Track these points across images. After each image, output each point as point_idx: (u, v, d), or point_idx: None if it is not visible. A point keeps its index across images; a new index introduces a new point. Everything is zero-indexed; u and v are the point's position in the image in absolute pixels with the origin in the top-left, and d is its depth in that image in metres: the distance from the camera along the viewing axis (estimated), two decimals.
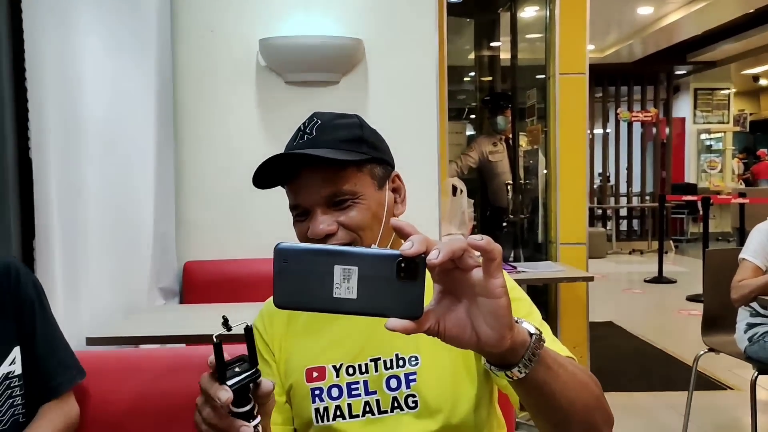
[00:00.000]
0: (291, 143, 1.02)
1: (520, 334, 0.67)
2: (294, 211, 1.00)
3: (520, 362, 0.68)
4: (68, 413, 1.17)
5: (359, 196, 0.98)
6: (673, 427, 3.02)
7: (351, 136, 1.00)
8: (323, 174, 0.96)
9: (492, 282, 0.62)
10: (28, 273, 1.17)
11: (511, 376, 0.69)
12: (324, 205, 0.97)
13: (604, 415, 0.82)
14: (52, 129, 1.67)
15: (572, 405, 0.76)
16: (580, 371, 0.82)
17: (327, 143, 0.97)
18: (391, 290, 0.61)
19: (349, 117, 1.04)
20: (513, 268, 3.11)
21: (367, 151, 1.00)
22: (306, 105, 2.74)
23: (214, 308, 2.29)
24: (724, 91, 11.19)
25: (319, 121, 1.01)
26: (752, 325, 2.56)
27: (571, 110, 3.45)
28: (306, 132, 1.00)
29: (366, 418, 0.99)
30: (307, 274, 0.62)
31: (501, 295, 0.62)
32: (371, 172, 1.01)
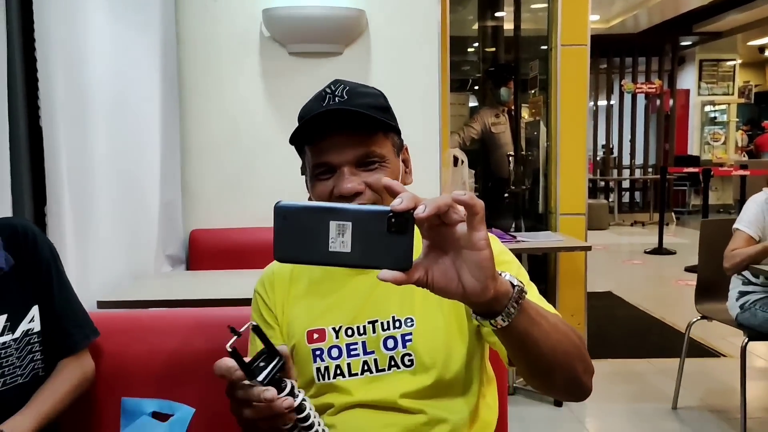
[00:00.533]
0: (317, 104, 1.02)
1: (503, 285, 0.72)
2: (317, 170, 1.02)
3: (504, 311, 0.72)
4: (85, 368, 1.24)
5: (386, 160, 1.02)
6: (666, 392, 3.10)
7: (378, 103, 1.04)
8: (356, 135, 0.99)
9: (475, 235, 0.66)
10: (44, 237, 1.22)
11: (495, 324, 0.73)
12: (353, 164, 1.00)
13: (584, 365, 0.88)
14: (61, 99, 1.71)
15: (554, 353, 0.81)
16: (562, 323, 0.87)
17: (360, 106, 1.00)
18: (383, 244, 0.65)
19: (372, 88, 1.08)
20: (513, 237, 3.15)
21: (393, 122, 1.05)
22: (309, 76, 2.77)
23: (219, 274, 2.36)
24: (729, 62, 11.10)
25: (347, 86, 1.03)
26: (743, 293, 2.63)
27: (573, 82, 3.47)
28: (335, 94, 1.01)
29: (365, 377, 1.04)
30: (304, 229, 0.66)
31: (484, 247, 0.66)
32: (393, 140, 1.06)
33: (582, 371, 0.88)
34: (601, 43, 9.98)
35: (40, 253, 1.18)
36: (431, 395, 1.04)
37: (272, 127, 2.78)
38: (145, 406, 1.28)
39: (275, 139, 2.75)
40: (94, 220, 1.93)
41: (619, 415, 2.96)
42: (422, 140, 2.78)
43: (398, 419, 1.03)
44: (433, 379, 1.03)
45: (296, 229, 0.66)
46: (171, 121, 2.59)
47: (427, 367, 1.03)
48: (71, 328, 1.22)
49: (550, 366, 0.83)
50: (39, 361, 1.18)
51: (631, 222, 10.20)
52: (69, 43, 1.78)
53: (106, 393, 1.32)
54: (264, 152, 2.79)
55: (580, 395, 0.91)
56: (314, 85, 1.11)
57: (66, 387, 1.18)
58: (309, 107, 1.04)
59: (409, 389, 1.03)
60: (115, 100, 2.09)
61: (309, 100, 1.06)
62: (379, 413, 1.03)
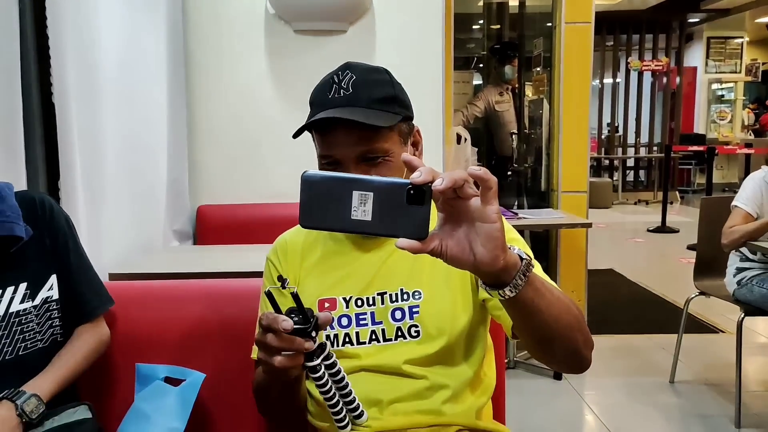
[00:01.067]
0: (324, 94, 1.05)
1: (512, 258, 0.76)
2: (323, 160, 1.06)
3: (512, 282, 0.76)
4: (101, 334, 1.29)
5: (389, 154, 1.05)
6: (664, 367, 3.16)
7: (385, 95, 1.06)
8: (358, 133, 1.01)
9: (488, 208, 0.70)
10: (60, 208, 1.27)
11: (503, 295, 0.77)
12: (356, 160, 1.03)
13: (584, 337, 0.93)
14: (72, 77, 1.75)
15: (556, 323, 0.86)
16: (564, 296, 0.92)
17: (363, 101, 1.02)
18: (401, 214, 0.69)
19: (380, 72, 1.09)
20: (515, 214, 3.20)
21: (398, 111, 1.07)
22: (314, 53, 2.80)
23: (226, 249, 2.41)
24: (737, 39, 11.00)
25: (354, 76, 1.04)
26: (741, 269, 2.67)
27: (577, 59, 3.48)
28: (341, 86, 1.03)
29: (372, 345, 1.09)
30: (328, 198, 0.70)
31: (495, 220, 0.71)
32: (399, 130, 1.08)
33: (582, 343, 0.93)
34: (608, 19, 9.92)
35: (57, 224, 1.23)
36: (434, 362, 1.09)
37: (278, 104, 2.82)
38: (158, 372, 1.34)
39: (281, 115, 2.79)
40: (104, 194, 1.98)
41: (618, 389, 3.02)
42: (425, 118, 2.78)
43: (402, 383, 1.08)
44: (437, 348, 1.08)
45: (321, 198, 0.70)
46: (178, 99, 2.63)
47: (432, 338, 1.09)
48: (88, 296, 1.27)
49: (552, 336, 0.87)
50: (58, 327, 1.23)
51: (635, 201, 10.21)
52: (79, 21, 1.81)
53: (121, 359, 1.38)
54: (270, 129, 2.82)
55: (580, 367, 0.96)
56: (319, 62, 1.15)
57: (83, 351, 1.24)
58: (317, 95, 1.07)
59: (413, 356, 1.08)
60: (124, 78, 2.12)
61: (318, 86, 1.08)
62: (383, 377, 1.08)
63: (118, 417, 1.30)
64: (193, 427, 1.30)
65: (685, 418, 2.71)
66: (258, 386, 1.11)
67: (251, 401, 1.18)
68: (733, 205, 2.62)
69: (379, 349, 1.09)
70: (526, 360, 3.24)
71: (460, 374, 1.11)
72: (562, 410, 2.85)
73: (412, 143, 1.12)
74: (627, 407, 2.84)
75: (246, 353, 1.20)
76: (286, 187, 2.82)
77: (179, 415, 1.27)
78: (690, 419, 2.70)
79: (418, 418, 1.08)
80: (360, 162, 1.04)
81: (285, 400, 1.09)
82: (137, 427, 1.26)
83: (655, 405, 2.84)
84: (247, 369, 1.20)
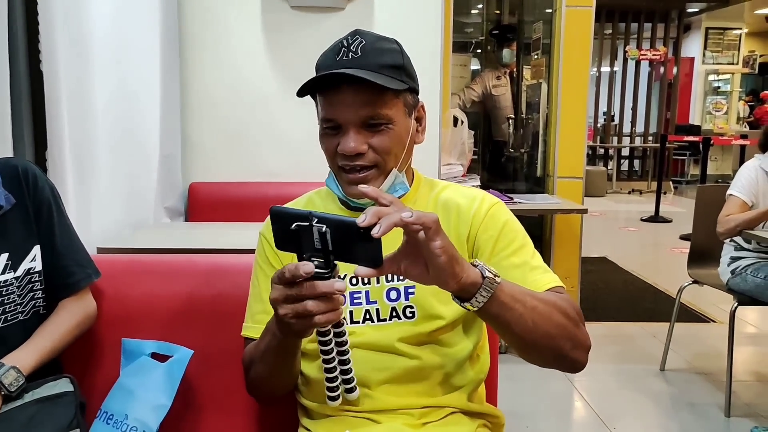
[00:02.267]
0: (332, 56, 1.02)
1: (470, 278, 0.83)
2: (325, 124, 1.03)
3: (473, 298, 0.84)
4: (86, 307, 1.26)
5: (393, 122, 1.02)
6: (655, 355, 3.17)
7: (393, 62, 1.02)
8: (364, 95, 0.99)
9: (431, 244, 0.78)
10: (44, 177, 1.22)
11: (467, 308, 0.85)
12: (359, 124, 1.00)
13: (572, 342, 0.95)
14: (62, 44, 1.70)
15: (530, 334, 0.90)
16: (547, 305, 0.93)
17: (371, 66, 0.99)
18: (357, 246, 0.77)
19: (391, 41, 1.06)
20: (510, 198, 3.18)
21: (405, 80, 1.04)
22: (311, 30, 2.75)
23: (218, 226, 2.38)
24: (735, 31, 10.98)
25: (364, 40, 1.01)
26: (735, 258, 2.66)
27: (576, 44, 3.44)
28: (350, 50, 1.00)
29: (366, 325, 1.07)
30: (294, 229, 0.79)
31: (439, 255, 0.78)
32: (405, 100, 1.05)
33: (569, 348, 0.95)
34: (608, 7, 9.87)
35: (41, 192, 1.19)
36: (428, 342, 1.07)
37: (273, 80, 2.77)
38: (144, 347, 1.31)
39: (276, 93, 2.74)
40: (94, 167, 1.94)
41: (608, 375, 3.02)
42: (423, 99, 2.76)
43: (395, 362, 1.06)
44: (432, 329, 1.06)
45: (287, 230, 0.79)
46: (171, 73, 2.58)
47: (427, 319, 1.07)
48: (73, 267, 1.23)
49: (528, 344, 0.92)
50: (40, 300, 1.19)
51: (629, 190, 10.23)
52: None
53: (107, 333, 1.34)
54: (264, 106, 2.78)
55: (571, 369, 0.99)
56: (315, 39, 1.11)
57: (67, 324, 1.20)
58: (325, 58, 1.04)
59: (407, 335, 1.06)
60: (116, 49, 2.08)
61: (327, 49, 1.05)
62: (376, 354, 1.06)
63: (103, 392, 1.27)
64: (180, 403, 1.27)
65: (675, 406, 2.72)
66: (253, 360, 1.08)
67: (239, 378, 1.15)
68: (728, 194, 2.61)
69: (373, 328, 1.07)
70: None
71: (454, 356, 1.09)
72: (552, 395, 2.84)
73: (415, 118, 1.09)
74: (617, 394, 2.84)
75: (235, 330, 1.17)
76: (280, 166, 2.79)
77: (166, 392, 1.24)
78: (680, 407, 2.70)
79: (410, 400, 1.07)
80: (362, 127, 1.01)
81: (282, 373, 1.06)
82: (122, 403, 1.23)
83: (646, 392, 2.85)
84: (235, 346, 1.18)
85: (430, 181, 1.17)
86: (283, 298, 0.83)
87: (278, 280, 0.83)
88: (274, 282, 0.84)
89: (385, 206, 0.80)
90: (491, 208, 1.09)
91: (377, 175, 1.04)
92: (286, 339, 0.93)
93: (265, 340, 1.01)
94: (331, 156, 1.05)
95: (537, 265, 1.05)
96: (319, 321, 0.82)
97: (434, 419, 1.07)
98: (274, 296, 0.84)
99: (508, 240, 1.06)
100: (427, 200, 1.13)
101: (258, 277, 1.16)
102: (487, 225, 1.07)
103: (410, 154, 1.09)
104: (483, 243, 1.07)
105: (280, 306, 0.83)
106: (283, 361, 1.03)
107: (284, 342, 0.95)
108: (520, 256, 1.05)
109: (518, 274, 1.02)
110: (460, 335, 1.10)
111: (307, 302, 0.81)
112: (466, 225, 1.08)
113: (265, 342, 1.01)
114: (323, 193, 1.18)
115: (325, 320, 0.82)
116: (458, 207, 1.10)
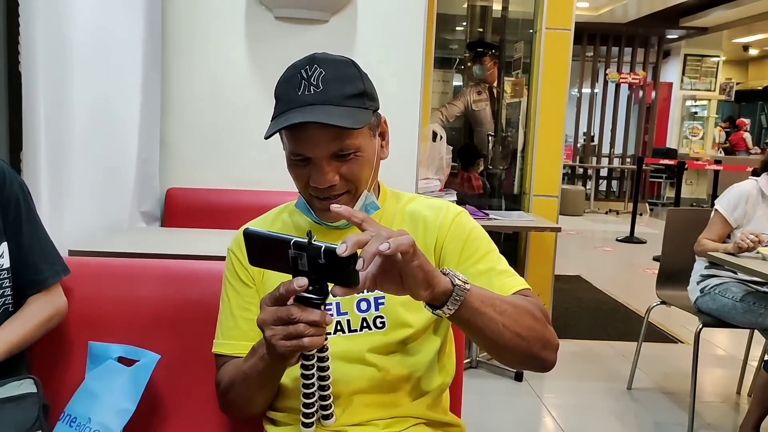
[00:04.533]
0: (293, 91, 1.01)
1: (441, 287, 0.86)
2: (294, 157, 1.03)
3: (444, 306, 0.88)
4: (56, 304, 1.25)
5: (360, 149, 1.03)
6: (622, 373, 3.21)
7: (356, 91, 1.02)
8: (332, 131, 0.99)
9: (409, 266, 0.82)
10: (14, 173, 1.21)
11: (439, 315, 0.89)
12: (328, 157, 1.01)
13: (541, 342, 0.99)
14: (42, 46, 1.70)
15: (500, 335, 0.93)
16: (516, 308, 0.96)
17: (335, 99, 0.99)
18: (335, 269, 0.79)
19: (348, 65, 1.05)
20: (485, 215, 3.21)
21: (369, 105, 1.04)
22: (294, 41, 2.77)
23: (194, 232, 2.38)
24: (713, 58, 11.22)
25: (323, 71, 1.00)
26: (706, 276, 2.71)
27: (555, 65, 3.51)
28: (311, 82, 1.00)
29: (337, 336, 1.09)
30: (271, 251, 0.82)
31: (417, 274, 0.83)
32: (370, 124, 1.05)
33: (539, 348, 0.98)
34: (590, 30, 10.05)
35: (10, 189, 1.18)
36: (396, 351, 1.09)
37: (255, 90, 2.78)
38: (111, 351, 1.31)
39: (257, 102, 2.76)
40: (70, 169, 1.93)
41: (576, 392, 3.06)
42: (402, 114, 2.79)
43: (363, 373, 1.07)
44: (401, 338, 1.09)
45: (263, 251, 0.83)
46: (152, 78, 2.58)
47: (396, 328, 1.08)
48: (41, 264, 1.23)
49: (500, 346, 0.95)
50: (9, 297, 1.19)
51: (606, 210, 10.36)
52: None
53: (74, 336, 1.34)
54: (245, 115, 2.79)
55: (542, 368, 1.02)
56: (299, 51, 1.12)
57: (36, 320, 1.20)
58: (285, 91, 1.02)
59: (377, 345, 1.08)
60: (96, 52, 2.07)
61: (283, 80, 1.04)
62: (346, 365, 1.07)
63: (68, 395, 1.27)
64: (145, 408, 1.27)
65: (640, 424, 2.76)
66: (234, 382, 1.07)
67: (206, 383, 1.16)
68: (715, 207, 2.71)
69: (343, 339, 1.09)
70: (488, 360, 3.26)
71: (421, 365, 1.11)
72: (520, 411, 2.87)
73: (379, 134, 1.10)
74: (584, 411, 2.88)
75: (203, 336, 1.18)
76: (258, 174, 2.80)
77: (130, 396, 1.24)
78: (644, 425, 2.74)
79: (377, 412, 1.08)
80: (332, 159, 1.02)
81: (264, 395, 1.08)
82: (86, 406, 1.23)
83: (612, 410, 2.89)
84: (203, 352, 1.18)
85: (395, 194, 1.19)
86: (273, 319, 0.84)
87: (270, 301, 0.85)
88: (264, 303, 0.86)
89: (358, 225, 0.83)
90: (456, 217, 1.12)
91: (349, 199, 1.06)
92: (274, 363, 0.93)
93: (249, 362, 1.01)
94: (303, 186, 1.06)
95: (503, 270, 1.08)
96: (306, 343, 0.83)
97: (399, 430, 1.09)
98: (262, 317, 0.85)
99: (473, 248, 1.10)
100: (393, 213, 1.15)
101: (228, 293, 1.16)
102: (453, 235, 1.10)
103: (377, 172, 1.11)
104: (450, 252, 1.10)
105: (268, 328, 0.85)
106: (269, 384, 1.05)
107: (272, 365, 0.95)
108: (486, 263, 1.08)
109: (485, 280, 1.05)
110: (427, 344, 1.12)
111: (299, 324, 0.83)
112: (433, 235, 1.11)
113: (250, 364, 1.01)
114: (292, 208, 1.18)
115: (310, 343, 0.84)
116: (424, 219, 1.13)
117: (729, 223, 2.64)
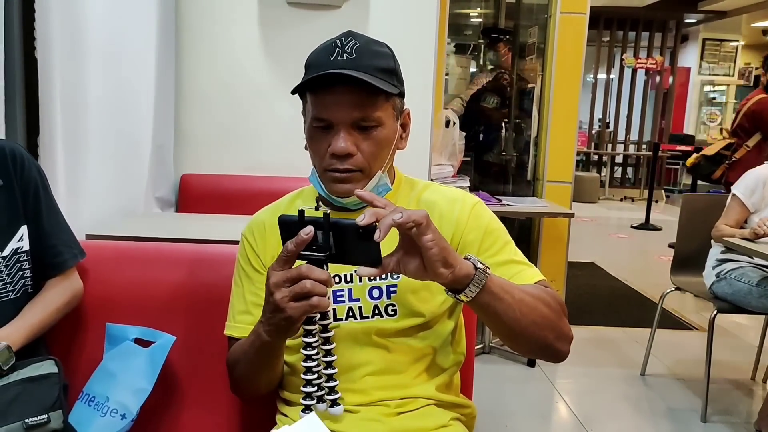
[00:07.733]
0: (326, 56, 1.02)
1: (463, 270, 0.88)
2: (316, 123, 1.03)
3: (466, 289, 0.90)
4: (73, 287, 1.28)
5: (382, 124, 1.04)
6: (636, 360, 3.21)
7: (387, 66, 1.04)
8: (358, 96, 0.99)
9: (422, 239, 0.84)
10: (32, 158, 1.24)
11: (460, 299, 0.91)
12: (350, 125, 1.02)
13: (557, 333, 1.01)
14: (57, 32, 1.72)
15: (518, 323, 0.95)
16: (533, 297, 0.98)
17: (366, 68, 1.00)
18: (357, 247, 0.83)
19: (383, 45, 1.07)
20: (498, 201, 3.21)
21: (397, 85, 1.05)
22: (307, 27, 2.77)
23: (208, 217, 2.41)
24: (732, 43, 11.04)
25: (357, 42, 1.02)
26: (722, 261, 2.69)
27: (569, 50, 3.48)
28: (345, 50, 1.01)
29: (349, 322, 1.10)
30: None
31: (431, 248, 0.84)
32: (394, 104, 1.06)
33: (554, 338, 1.00)
34: (606, 14, 9.92)
35: (28, 174, 1.21)
36: (406, 335, 1.10)
37: (268, 76, 2.79)
38: (128, 332, 1.33)
39: (270, 88, 2.76)
40: (86, 155, 1.96)
41: (589, 378, 3.06)
42: (415, 100, 2.77)
43: (375, 354, 1.09)
44: (412, 325, 1.09)
45: (293, 235, 0.86)
46: (166, 65, 2.59)
47: (408, 316, 1.09)
48: (60, 247, 1.25)
49: (516, 333, 0.97)
50: (29, 279, 1.22)
51: (621, 197, 10.28)
52: None
53: (92, 317, 1.37)
54: (258, 101, 2.80)
55: (554, 358, 1.04)
56: (311, 36, 1.12)
57: (56, 303, 1.23)
58: (317, 57, 1.04)
59: (387, 329, 1.09)
60: (111, 40, 2.09)
61: (318, 48, 1.05)
62: (357, 348, 1.09)
63: (86, 375, 1.29)
64: (161, 388, 1.30)
65: (653, 410, 2.76)
66: (238, 361, 1.10)
67: (220, 364, 1.18)
68: (732, 192, 2.69)
69: (355, 324, 1.10)
70: (501, 346, 3.27)
71: (432, 347, 1.12)
72: (533, 397, 2.88)
73: (401, 123, 1.10)
74: (597, 397, 2.88)
75: (217, 318, 1.19)
76: (272, 160, 2.81)
77: (147, 376, 1.27)
78: (658, 411, 2.74)
79: (388, 393, 1.09)
80: (353, 128, 1.02)
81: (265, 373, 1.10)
82: (104, 386, 1.26)
83: (625, 396, 2.89)
84: (217, 334, 1.20)
85: (410, 181, 1.20)
86: (283, 280, 0.88)
87: (278, 264, 0.89)
88: (272, 269, 0.89)
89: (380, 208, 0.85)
90: (472, 209, 1.13)
91: (361, 178, 1.05)
92: (271, 341, 0.96)
93: (250, 340, 1.04)
94: (321, 157, 1.05)
95: (521, 261, 1.10)
96: (314, 302, 0.87)
97: (409, 410, 1.10)
98: (272, 281, 0.89)
99: (492, 239, 1.10)
100: (408, 200, 1.16)
101: (240, 277, 1.18)
102: (472, 226, 1.11)
103: (393, 157, 1.11)
104: (469, 243, 1.10)
105: (278, 290, 0.88)
106: (267, 362, 1.06)
107: (268, 343, 0.98)
108: (505, 254, 1.10)
109: (504, 271, 1.06)
110: (438, 330, 1.13)
111: (307, 281, 0.86)
112: (450, 227, 1.11)
113: (250, 342, 1.04)
114: (306, 194, 1.20)
115: (318, 303, 0.87)
116: (440, 210, 1.13)
117: (747, 207, 2.62)
